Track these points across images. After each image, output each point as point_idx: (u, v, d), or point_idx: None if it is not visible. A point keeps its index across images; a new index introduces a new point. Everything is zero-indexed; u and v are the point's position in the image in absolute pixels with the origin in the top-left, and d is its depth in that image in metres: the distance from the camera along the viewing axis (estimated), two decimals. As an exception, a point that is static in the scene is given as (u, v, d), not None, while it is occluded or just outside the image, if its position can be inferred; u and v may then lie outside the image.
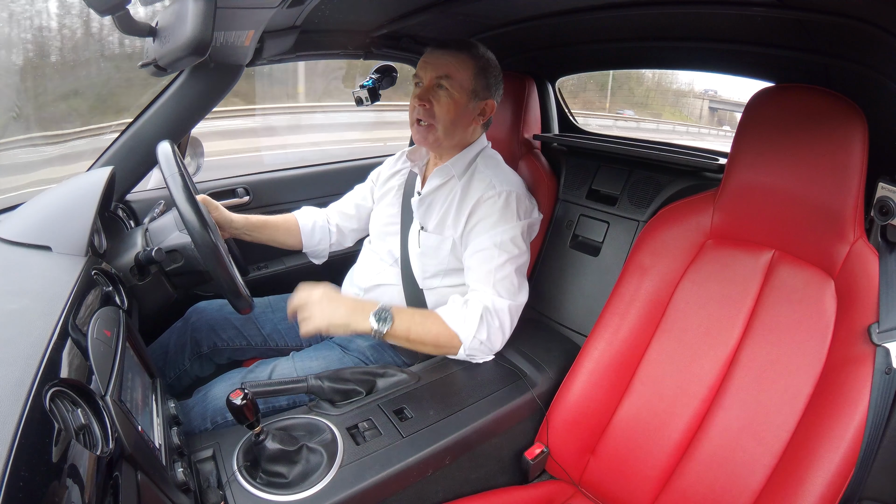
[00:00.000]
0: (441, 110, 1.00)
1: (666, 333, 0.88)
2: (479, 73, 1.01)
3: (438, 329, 0.92)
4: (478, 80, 1.01)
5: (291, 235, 1.21)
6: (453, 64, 0.99)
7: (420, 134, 1.03)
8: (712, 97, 6.74)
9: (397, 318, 0.89)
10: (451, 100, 0.99)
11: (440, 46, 1.01)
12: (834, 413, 0.67)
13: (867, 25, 0.72)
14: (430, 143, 1.03)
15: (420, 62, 1.02)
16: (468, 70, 1.00)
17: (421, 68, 1.01)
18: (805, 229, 0.78)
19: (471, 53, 1.01)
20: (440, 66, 0.99)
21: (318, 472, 0.70)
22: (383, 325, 0.88)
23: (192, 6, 0.65)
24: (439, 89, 0.99)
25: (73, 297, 0.60)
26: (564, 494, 0.90)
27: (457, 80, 0.99)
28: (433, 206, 1.07)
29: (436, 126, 1.01)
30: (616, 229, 1.20)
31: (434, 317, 0.93)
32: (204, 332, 1.12)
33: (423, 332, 0.91)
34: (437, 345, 0.93)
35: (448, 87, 0.99)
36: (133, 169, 1.11)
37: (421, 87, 1.01)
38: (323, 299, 0.88)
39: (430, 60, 1.00)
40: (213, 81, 1.07)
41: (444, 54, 1.00)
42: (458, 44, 1.01)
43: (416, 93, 1.01)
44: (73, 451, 0.40)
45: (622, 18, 1.04)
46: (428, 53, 1.02)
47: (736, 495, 0.75)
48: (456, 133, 1.04)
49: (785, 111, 0.76)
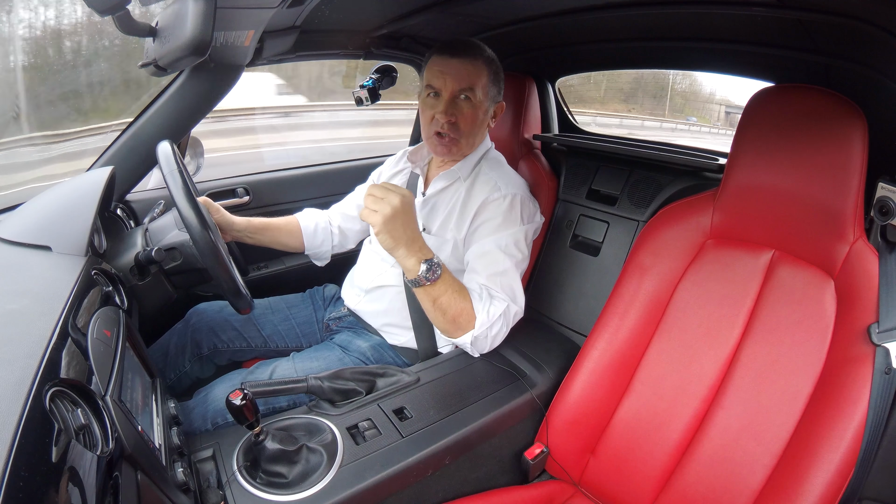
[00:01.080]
0: (466, 123, 0.99)
1: (666, 333, 0.88)
2: (494, 77, 1.01)
3: (465, 306, 0.90)
4: (493, 85, 1.01)
5: (293, 237, 1.21)
6: (474, 73, 0.97)
7: (443, 146, 1.01)
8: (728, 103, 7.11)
9: (441, 279, 0.87)
10: (474, 111, 0.99)
11: (452, 53, 0.98)
12: (834, 413, 0.67)
13: (867, 25, 0.72)
14: (454, 154, 1.03)
15: (434, 71, 0.98)
16: (485, 77, 0.99)
17: (437, 78, 0.98)
18: (805, 229, 0.78)
19: (484, 59, 0.99)
20: (462, 78, 0.97)
21: (318, 472, 0.70)
22: (427, 276, 0.85)
23: (192, 6, 0.65)
24: (462, 101, 0.98)
25: (73, 297, 0.60)
26: (564, 494, 0.90)
27: (478, 90, 0.98)
28: (437, 208, 1.06)
29: (459, 140, 1.00)
30: (616, 229, 1.20)
31: (466, 294, 0.92)
32: (204, 333, 1.12)
33: (453, 302, 0.89)
34: (455, 320, 0.90)
35: (471, 98, 0.98)
36: (133, 169, 1.11)
37: (441, 98, 0.98)
38: (399, 208, 0.83)
39: (447, 71, 0.97)
40: (213, 81, 1.07)
41: (462, 63, 0.97)
42: (468, 48, 0.99)
43: (440, 107, 0.97)
44: (73, 451, 0.40)
45: (622, 18, 1.04)
46: (441, 61, 0.98)
47: (736, 495, 0.75)
48: (475, 141, 1.04)
49: (785, 111, 0.76)
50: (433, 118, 1.00)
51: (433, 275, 0.87)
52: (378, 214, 0.82)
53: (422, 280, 0.86)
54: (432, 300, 0.89)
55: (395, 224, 0.83)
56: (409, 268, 0.87)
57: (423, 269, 0.86)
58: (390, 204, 0.82)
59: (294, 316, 1.22)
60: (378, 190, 0.84)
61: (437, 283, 0.87)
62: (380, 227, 0.83)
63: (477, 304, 0.91)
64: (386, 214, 0.82)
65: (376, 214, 0.82)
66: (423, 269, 0.86)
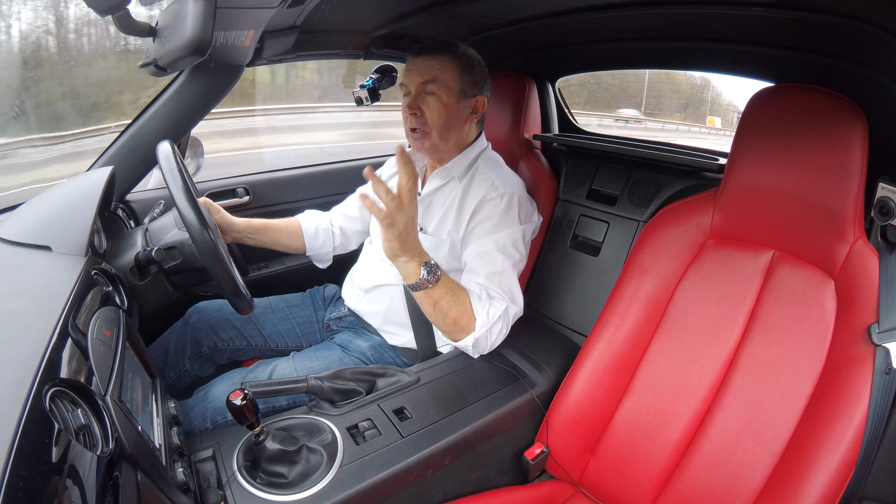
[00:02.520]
0: (432, 115, 0.99)
1: (666, 333, 0.88)
2: (464, 71, 1.00)
3: (465, 308, 0.90)
4: (463, 78, 1.00)
5: (294, 239, 1.21)
6: (436, 67, 0.98)
7: (417, 142, 1.03)
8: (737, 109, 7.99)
9: (441, 282, 0.88)
10: (440, 103, 0.99)
11: (420, 52, 1.01)
12: (834, 413, 0.67)
13: (867, 25, 0.72)
14: (427, 148, 1.03)
15: (404, 71, 1.02)
16: (452, 70, 0.99)
17: (406, 77, 1.01)
18: (805, 229, 0.77)
19: (451, 53, 1.00)
20: (424, 72, 0.98)
21: (318, 472, 0.70)
22: (429, 278, 0.86)
23: (192, 6, 0.65)
24: (427, 95, 0.99)
25: (73, 297, 0.60)
26: (564, 494, 0.90)
27: (443, 83, 0.98)
28: (433, 208, 1.06)
29: (430, 132, 1.01)
30: (616, 229, 1.20)
31: (465, 295, 0.92)
32: (204, 332, 1.12)
33: (453, 305, 0.89)
34: (457, 322, 0.90)
35: (436, 91, 0.98)
36: (133, 169, 1.11)
37: (409, 95, 1.00)
38: (410, 221, 0.83)
39: (412, 67, 1.00)
40: (213, 81, 1.07)
41: (426, 59, 0.99)
42: (437, 46, 1.01)
43: (406, 102, 1.00)
44: (73, 451, 0.40)
45: (622, 18, 1.04)
46: (410, 61, 1.02)
47: (736, 495, 0.75)
48: (451, 135, 1.03)
49: (785, 111, 0.76)
50: (406, 117, 1.02)
51: (433, 277, 0.87)
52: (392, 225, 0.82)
53: (423, 283, 0.86)
54: (433, 303, 0.89)
55: (408, 232, 0.84)
56: (409, 272, 0.87)
57: (424, 272, 0.86)
58: (405, 210, 0.82)
59: (294, 315, 1.22)
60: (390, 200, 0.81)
61: (437, 286, 0.88)
62: (393, 235, 0.82)
63: (476, 306, 0.91)
64: (406, 223, 0.82)
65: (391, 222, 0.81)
66: (423, 273, 0.86)
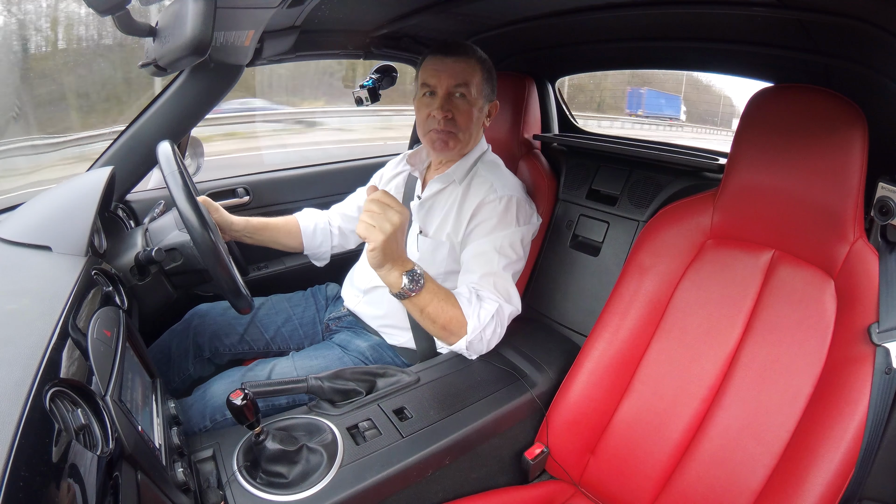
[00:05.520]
0: (462, 118, 1.00)
1: (666, 333, 0.88)
2: (487, 76, 1.03)
3: (454, 313, 0.90)
4: (486, 83, 1.03)
5: (292, 237, 1.21)
6: (467, 71, 0.99)
7: (441, 142, 1.02)
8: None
9: (425, 289, 0.87)
10: (469, 107, 1.00)
11: (445, 53, 1.00)
12: (834, 413, 0.67)
13: (867, 25, 0.72)
14: (452, 149, 1.03)
15: (428, 70, 1.01)
16: (479, 75, 1.01)
17: (432, 76, 1.00)
18: (805, 229, 0.77)
19: (477, 58, 1.01)
20: (455, 75, 0.98)
21: (318, 472, 0.70)
22: (411, 287, 0.85)
23: (192, 6, 0.65)
24: (458, 98, 0.99)
25: (73, 297, 0.60)
26: (564, 494, 0.90)
27: (473, 87, 1.00)
28: (433, 211, 1.07)
29: (457, 134, 1.01)
30: (616, 229, 1.20)
31: (453, 300, 0.91)
32: (206, 337, 1.12)
33: (440, 310, 0.88)
34: (446, 327, 0.90)
35: (466, 95, 0.99)
36: (133, 169, 1.11)
37: (437, 96, 1.00)
38: (397, 226, 0.81)
39: (441, 69, 0.99)
40: (213, 81, 1.07)
41: (456, 62, 0.99)
42: (461, 48, 1.01)
43: (436, 103, 0.99)
44: (73, 451, 0.40)
45: (622, 18, 1.04)
46: (436, 60, 1.00)
47: (736, 495, 0.75)
48: (472, 139, 1.05)
49: (785, 111, 0.76)
50: (429, 116, 1.01)
51: (416, 285, 0.86)
52: (377, 231, 0.80)
53: (406, 292, 0.85)
54: (419, 310, 0.88)
55: (390, 243, 0.81)
56: (391, 282, 0.86)
57: (406, 281, 0.85)
58: (390, 221, 0.80)
59: (297, 316, 1.22)
60: (377, 205, 0.81)
61: (421, 293, 0.86)
62: (376, 244, 0.80)
63: (466, 309, 0.91)
64: (386, 232, 0.80)
65: (374, 231, 0.80)
66: (405, 282, 0.85)
